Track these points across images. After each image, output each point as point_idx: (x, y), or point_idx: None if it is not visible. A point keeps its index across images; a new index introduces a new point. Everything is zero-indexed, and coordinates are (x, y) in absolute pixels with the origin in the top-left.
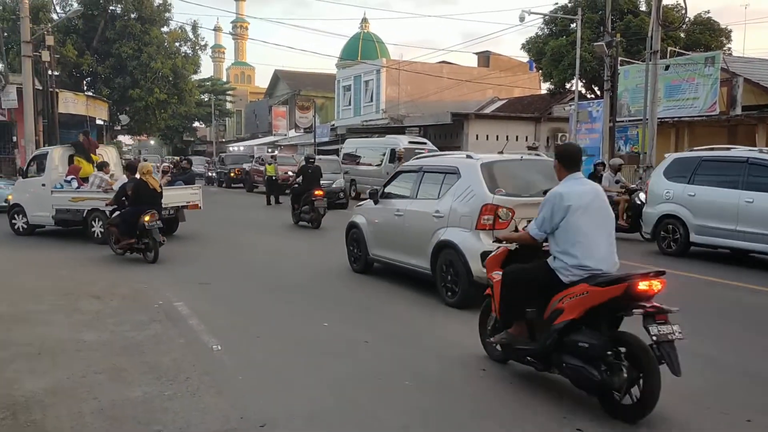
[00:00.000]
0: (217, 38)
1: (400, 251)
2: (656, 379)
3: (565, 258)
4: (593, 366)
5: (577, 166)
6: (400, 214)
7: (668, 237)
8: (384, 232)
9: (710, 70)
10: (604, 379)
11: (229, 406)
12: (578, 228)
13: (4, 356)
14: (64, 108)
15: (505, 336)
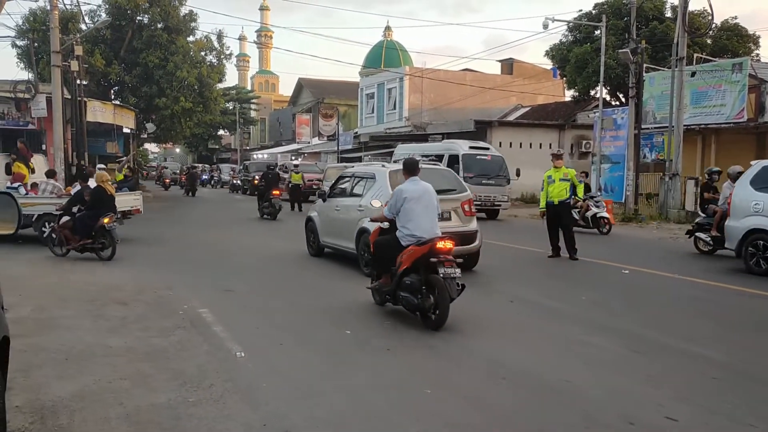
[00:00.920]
0: (241, 47)
1: (339, 237)
2: (445, 302)
3: (403, 230)
4: (414, 296)
5: (415, 173)
6: (338, 209)
7: (757, 254)
8: (328, 223)
9: (738, 76)
10: (419, 304)
11: (252, 413)
12: (411, 210)
13: (33, 361)
14: (92, 117)
15: (377, 285)
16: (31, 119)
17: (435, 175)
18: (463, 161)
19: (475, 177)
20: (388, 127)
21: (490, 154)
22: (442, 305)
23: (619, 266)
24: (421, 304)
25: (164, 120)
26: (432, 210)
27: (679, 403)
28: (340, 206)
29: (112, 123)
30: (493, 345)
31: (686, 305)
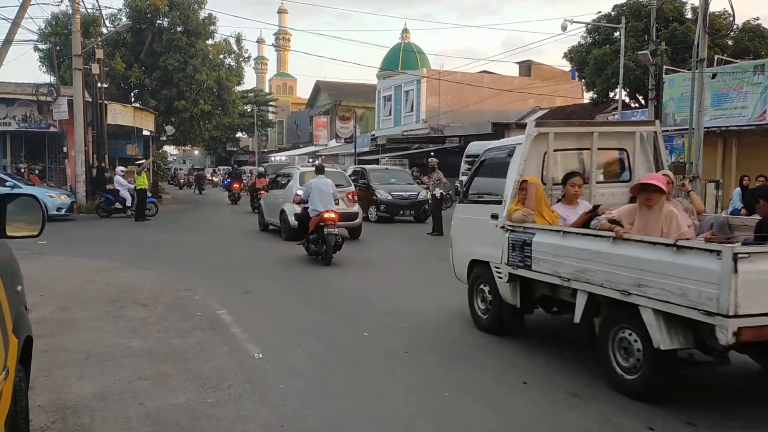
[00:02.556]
0: (260, 50)
1: (271, 216)
2: (329, 248)
3: (310, 208)
4: (316, 246)
5: (322, 173)
6: (273, 197)
7: None
8: (266, 207)
9: (759, 78)
10: (317, 249)
11: (270, 414)
12: (315, 196)
13: (55, 361)
14: (113, 119)
15: (303, 242)
16: (52, 122)
17: (334, 175)
18: None
19: None
20: (405, 129)
21: None
22: (327, 251)
23: None
24: (318, 249)
25: (183, 122)
26: (328, 196)
27: (698, 407)
28: (273, 195)
29: (132, 125)
30: (514, 349)
31: None
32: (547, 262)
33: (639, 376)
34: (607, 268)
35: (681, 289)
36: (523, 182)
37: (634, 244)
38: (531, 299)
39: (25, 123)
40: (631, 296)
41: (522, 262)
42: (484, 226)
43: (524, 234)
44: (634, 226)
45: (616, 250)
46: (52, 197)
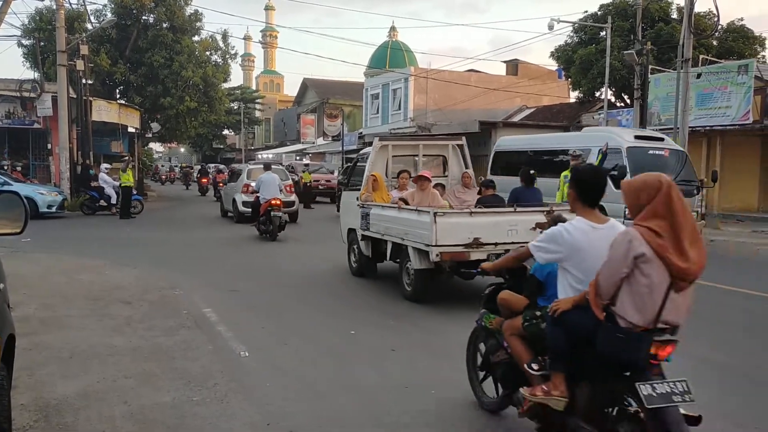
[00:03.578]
0: (246, 47)
1: (228, 205)
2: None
3: (261, 196)
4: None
5: (269, 169)
6: (229, 188)
7: None
8: (225, 198)
9: (743, 78)
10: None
11: (256, 413)
12: (265, 187)
13: (38, 359)
14: (98, 116)
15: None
16: (36, 118)
17: (278, 171)
18: (629, 158)
19: None
20: (393, 127)
21: (667, 148)
22: (273, 229)
23: None
24: (267, 228)
25: (169, 119)
26: (274, 187)
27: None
28: (229, 187)
29: (117, 122)
30: None
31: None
32: (375, 225)
33: (412, 288)
34: (396, 226)
35: (420, 234)
36: (372, 176)
37: (406, 211)
38: (378, 252)
39: (8, 119)
40: (405, 241)
41: (366, 226)
42: (353, 205)
43: (367, 209)
44: (414, 202)
45: (400, 215)
46: (43, 194)
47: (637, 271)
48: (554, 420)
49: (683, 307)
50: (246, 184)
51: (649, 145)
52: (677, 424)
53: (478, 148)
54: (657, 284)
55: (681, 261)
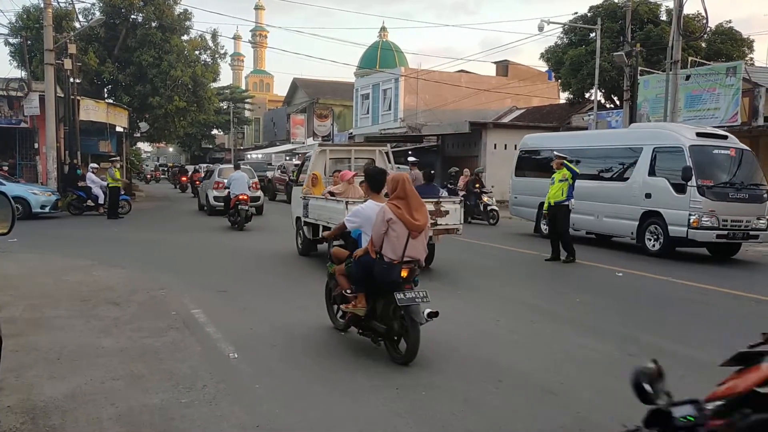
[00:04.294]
0: (236, 46)
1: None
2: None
3: (231, 192)
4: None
5: (238, 168)
6: (204, 185)
7: None
8: (201, 193)
9: (732, 80)
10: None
11: (245, 415)
12: (234, 184)
13: (25, 361)
14: (85, 115)
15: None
16: (23, 117)
17: (246, 171)
18: (693, 158)
19: (717, 187)
20: (383, 128)
21: (733, 147)
22: (241, 220)
23: (612, 269)
24: (235, 219)
25: (158, 119)
26: (243, 184)
27: None
28: (203, 184)
29: (105, 122)
30: (488, 347)
31: (679, 307)
32: (312, 212)
33: None
34: (325, 213)
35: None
36: (313, 174)
37: (331, 202)
38: (316, 234)
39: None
40: (329, 223)
41: (306, 214)
42: (298, 198)
43: (307, 200)
44: (341, 195)
45: (327, 204)
46: (36, 195)
47: (390, 229)
48: (363, 323)
49: (420, 248)
50: (217, 181)
51: (714, 143)
52: (418, 314)
53: (468, 149)
54: (401, 235)
55: (413, 221)
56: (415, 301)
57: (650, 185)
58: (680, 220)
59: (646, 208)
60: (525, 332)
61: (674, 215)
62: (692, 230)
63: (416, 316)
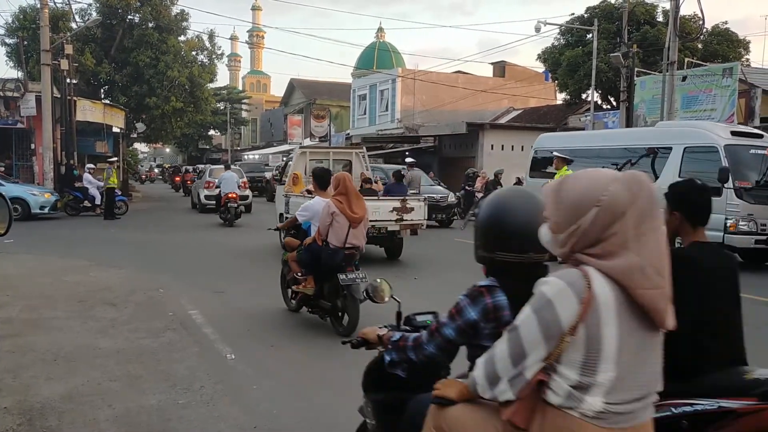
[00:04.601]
0: (233, 47)
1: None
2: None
3: (222, 191)
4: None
5: (229, 168)
6: (198, 184)
7: None
8: (193, 192)
9: (728, 81)
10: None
11: (243, 415)
12: (224, 183)
13: (22, 362)
14: (82, 116)
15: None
16: (20, 118)
17: (236, 171)
18: (728, 157)
19: (755, 189)
20: (380, 128)
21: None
22: (230, 217)
23: None
24: (225, 216)
25: (154, 120)
26: (232, 183)
27: None
28: (197, 183)
29: (101, 122)
30: None
31: None
32: (292, 208)
33: None
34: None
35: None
36: (294, 174)
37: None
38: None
39: None
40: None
41: (287, 210)
42: (281, 196)
43: (288, 197)
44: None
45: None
46: (35, 195)
47: (333, 221)
48: (312, 302)
49: (359, 236)
50: (208, 181)
51: (750, 143)
52: (357, 292)
53: (465, 150)
54: (343, 226)
55: (352, 214)
56: (356, 281)
57: None
58: (715, 225)
59: None
60: None
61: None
62: (729, 235)
63: (356, 294)
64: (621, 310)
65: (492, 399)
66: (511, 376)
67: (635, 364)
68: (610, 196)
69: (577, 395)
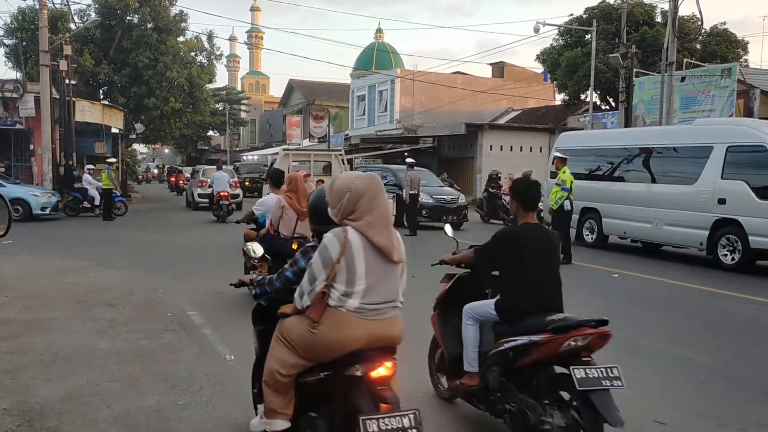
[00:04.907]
0: (232, 48)
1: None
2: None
3: (214, 189)
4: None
5: (220, 169)
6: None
7: None
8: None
9: (726, 81)
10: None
11: (242, 417)
12: (216, 182)
13: (21, 362)
14: (81, 117)
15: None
16: (18, 119)
17: (227, 171)
18: None
19: None
20: (379, 129)
21: None
22: (222, 214)
23: (609, 270)
24: (218, 213)
25: (153, 120)
26: (224, 182)
27: (667, 406)
28: (190, 183)
29: (100, 123)
30: None
31: (676, 309)
32: None
33: None
34: None
35: None
36: None
37: None
38: None
39: None
40: None
41: None
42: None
43: None
44: None
45: None
46: (37, 196)
47: (284, 213)
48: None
49: (307, 227)
50: (201, 180)
51: None
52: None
53: (464, 150)
54: (292, 218)
55: (300, 208)
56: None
57: (724, 189)
58: (765, 230)
59: (720, 216)
60: None
61: (757, 224)
62: None
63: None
64: (366, 248)
65: (302, 308)
66: (309, 291)
67: (379, 281)
68: (355, 187)
69: (344, 299)
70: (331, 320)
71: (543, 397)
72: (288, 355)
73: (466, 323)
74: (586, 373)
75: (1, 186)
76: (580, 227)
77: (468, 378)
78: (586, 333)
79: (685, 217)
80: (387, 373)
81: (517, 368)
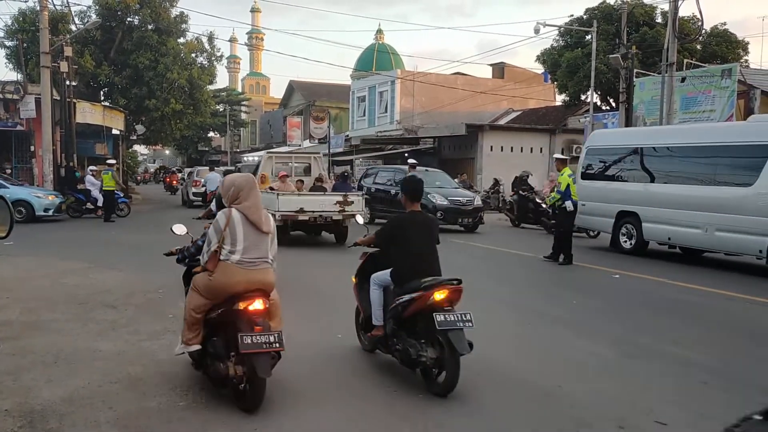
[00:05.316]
0: (232, 49)
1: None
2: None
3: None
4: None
5: (213, 170)
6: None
7: None
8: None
9: (727, 82)
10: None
11: (244, 419)
12: (210, 182)
13: (22, 364)
14: (82, 118)
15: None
16: (19, 120)
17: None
18: None
19: None
20: (380, 130)
21: None
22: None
23: (609, 271)
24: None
25: (154, 122)
26: (217, 182)
27: (669, 407)
28: (185, 183)
29: (101, 124)
30: (486, 350)
31: (676, 309)
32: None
33: None
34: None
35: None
36: (262, 174)
37: (268, 193)
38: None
39: None
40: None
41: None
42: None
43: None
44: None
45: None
46: (39, 197)
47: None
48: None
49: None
50: (195, 180)
51: None
52: None
53: (464, 151)
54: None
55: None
56: None
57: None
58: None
59: None
60: (522, 334)
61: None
62: None
63: None
64: (244, 223)
65: (204, 264)
66: (207, 251)
67: (253, 244)
68: (237, 183)
69: (229, 255)
70: (221, 270)
71: (421, 338)
72: (197, 298)
73: (373, 288)
74: (445, 317)
75: (5, 188)
76: (616, 232)
77: (376, 330)
78: (444, 288)
79: (741, 223)
80: (260, 307)
81: (406, 318)
